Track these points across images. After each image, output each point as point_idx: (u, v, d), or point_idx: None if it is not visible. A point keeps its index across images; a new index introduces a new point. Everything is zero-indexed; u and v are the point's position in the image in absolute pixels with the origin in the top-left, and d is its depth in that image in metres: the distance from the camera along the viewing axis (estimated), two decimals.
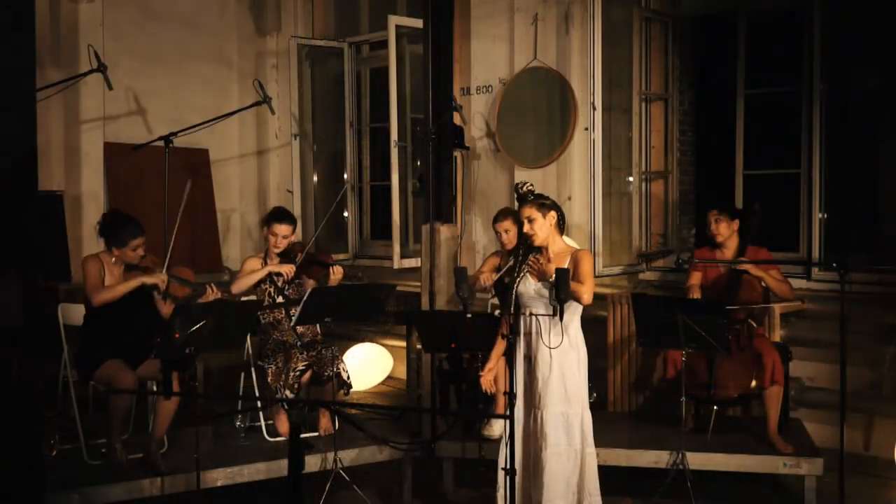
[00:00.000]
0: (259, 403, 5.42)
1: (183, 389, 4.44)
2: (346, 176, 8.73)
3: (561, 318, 4.10)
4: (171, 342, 4.21)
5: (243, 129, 9.00)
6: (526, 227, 4.30)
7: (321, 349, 5.26)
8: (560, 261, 4.25)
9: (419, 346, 5.69)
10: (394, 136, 7.41)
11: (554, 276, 4.06)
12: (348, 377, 5.27)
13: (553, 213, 4.33)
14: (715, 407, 5.16)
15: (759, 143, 7.14)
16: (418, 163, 7.58)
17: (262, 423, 5.37)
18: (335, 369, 5.19)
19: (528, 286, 4.27)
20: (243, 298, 5.45)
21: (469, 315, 4.42)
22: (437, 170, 5.64)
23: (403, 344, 6.45)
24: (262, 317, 5.37)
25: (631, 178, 7.13)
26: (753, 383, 5.04)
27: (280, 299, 5.39)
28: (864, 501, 5.04)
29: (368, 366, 7.54)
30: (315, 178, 8.87)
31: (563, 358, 4.21)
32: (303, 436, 3.37)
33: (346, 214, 8.75)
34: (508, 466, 4.00)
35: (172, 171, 6.86)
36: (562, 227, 4.38)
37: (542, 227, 4.29)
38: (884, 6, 6.58)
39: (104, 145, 7.85)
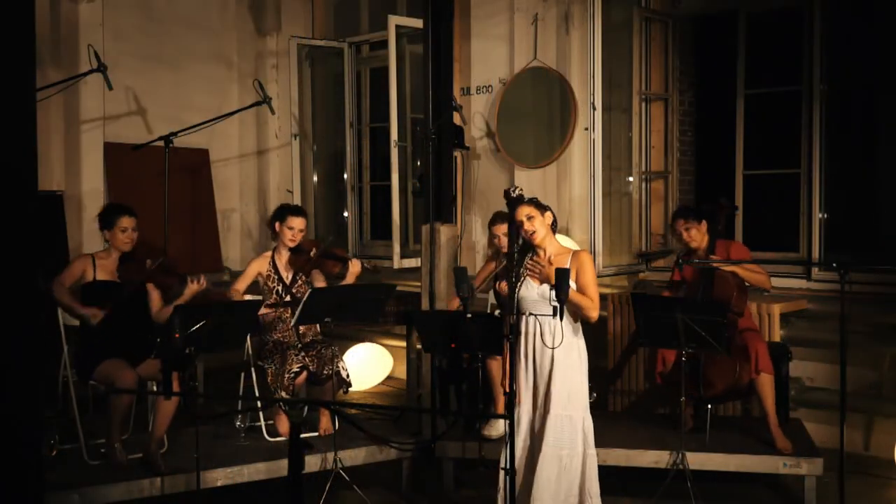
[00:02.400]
0: (259, 403, 5.42)
1: (183, 389, 4.43)
2: (346, 176, 8.74)
3: (561, 318, 4.09)
4: (171, 342, 4.21)
5: (243, 129, 9.00)
6: (526, 225, 4.26)
7: (321, 348, 5.26)
8: (560, 261, 4.24)
9: (419, 346, 5.69)
10: (394, 136, 7.41)
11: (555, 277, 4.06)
12: (348, 376, 5.28)
13: (549, 214, 4.35)
14: (709, 406, 5.15)
15: (759, 143, 7.14)
16: (418, 163, 7.57)
17: (262, 423, 5.37)
18: (335, 367, 5.20)
19: (531, 290, 4.24)
20: (247, 297, 5.44)
21: (469, 315, 4.42)
22: (437, 170, 5.64)
23: (403, 344, 6.45)
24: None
25: (631, 178, 7.13)
26: (742, 375, 4.99)
27: (287, 298, 5.39)
28: (864, 501, 5.04)
29: (368, 366, 7.54)
30: (315, 178, 8.88)
31: (565, 360, 4.21)
32: (303, 436, 3.36)
33: (346, 214, 8.75)
34: (508, 466, 4.00)
35: (172, 171, 6.85)
36: (554, 229, 4.39)
37: (541, 225, 4.29)
38: (882, 6, 6.58)
39: (104, 145, 7.85)
